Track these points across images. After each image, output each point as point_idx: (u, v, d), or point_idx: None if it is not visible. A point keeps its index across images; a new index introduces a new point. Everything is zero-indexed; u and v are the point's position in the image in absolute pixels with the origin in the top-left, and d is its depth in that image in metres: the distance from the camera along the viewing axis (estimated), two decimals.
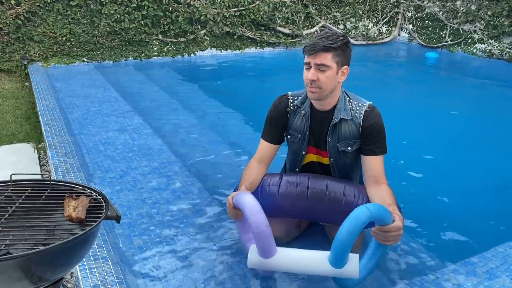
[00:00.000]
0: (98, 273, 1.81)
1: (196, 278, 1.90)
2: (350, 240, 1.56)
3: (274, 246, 1.69)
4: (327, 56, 1.82)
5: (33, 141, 3.69)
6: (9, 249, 1.20)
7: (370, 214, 1.56)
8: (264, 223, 1.64)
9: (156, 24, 6.72)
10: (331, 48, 1.82)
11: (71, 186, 1.50)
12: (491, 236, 2.41)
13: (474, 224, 2.54)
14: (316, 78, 1.84)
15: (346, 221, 1.57)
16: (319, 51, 1.82)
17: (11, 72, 5.95)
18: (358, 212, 1.57)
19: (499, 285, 1.78)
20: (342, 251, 1.59)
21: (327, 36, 1.84)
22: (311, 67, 1.85)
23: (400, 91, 5.63)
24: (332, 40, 1.82)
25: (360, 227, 1.56)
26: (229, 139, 3.58)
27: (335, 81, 1.89)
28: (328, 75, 1.85)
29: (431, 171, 3.21)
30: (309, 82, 1.87)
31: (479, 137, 3.95)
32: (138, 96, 4.78)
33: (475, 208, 2.73)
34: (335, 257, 1.62)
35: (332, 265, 1.65)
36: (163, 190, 2.64)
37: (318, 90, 1.87)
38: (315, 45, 1.82)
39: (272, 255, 1.69)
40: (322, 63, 1.83)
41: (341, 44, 1.84)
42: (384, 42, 8.71)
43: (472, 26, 7.70)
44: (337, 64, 1.86)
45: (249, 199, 1.70)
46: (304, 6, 7.97)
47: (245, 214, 1.68)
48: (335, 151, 2.01)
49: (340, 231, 1.57)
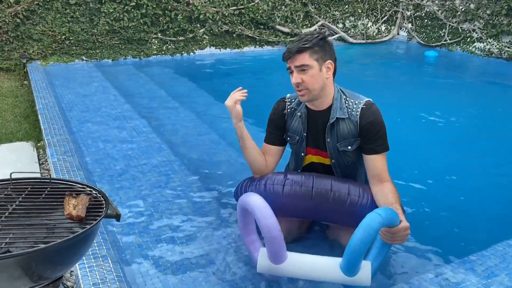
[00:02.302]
0: (98, 271, 1.81)
1: (195, 276, 1.90)
2: (363, 248, 1.54)
3: (285, 251, 1.66)
4: (304, 56, 1.85)
5: (32, 139, 3.68)
6: (9, 247, 1.20)
7: (383, 220, 1.54)
8: (277, 227, 1.60)
9: (155, 23, 6.71)
10: (304, 48, 1.84)
11: (71, 184, 1.51)
12: (489, 234, 2.41)
13: (472, 223, 2.54)
14: (301, 80, 1.86)
15: (359, 229, 1.54)
16: (295, 54, 1.85)
17: (10, 70, 5.94)
18: (370, 219, 1.54)
19: (498, 283, 1.79)
20: (355, 260, 1.57)
21: (301, 38, 1.88)
22: (293, 71, 1.89)
23: (399, 89, 5.63)
24: (306, 40, 1.85)
25: (374, 235, 1.54)
26: (228, 137, 3.58)
27: (321, 78, 1.89)
28: (311, 74, 1.86)
29: (429, 170, 3.22)
30: (295, 85, 1.89)
31: (478, 136, 3.96)
32: (137, 94, 4.78)
33: (474, 206, 2.74)
34: (348, 265, 1.59)
35: (344, 273, 1.62)
36: (162, 188, 2.64)
37: (306, 91, 1.89)
38: (290, 49, 1.87)
39: (283, 260, 1.66)
40: (301, 63, 1.85)
41: (316, 41, 1.86)
42: (383, 41, 8.72)
43: (471, 25, 7.71)
44: (317, 61, 1.86)
45: (260, 202, 1.65)
46: (303, 5, 7.97)
47: (256, 217, 1.63)
48: (335, 151, 2.00)
49: (353, 239, 1.54)
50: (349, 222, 1.95)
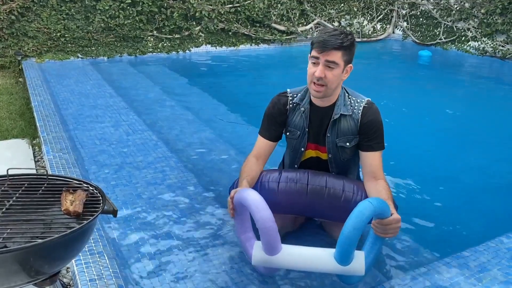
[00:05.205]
0: (94, 267, 1.82)
1: (191, 272, 1.91)
2: (356, 235, 1.55)
3: (279, 242, 1.68)
4: (338, 54, 1.82)
5: (27, 137, 3.68)
6: (6, 242, 1.21)
7: (374, 208, 1.56)
8: (271, 218, 1.62)
9: (151, 20, 6.71)
10: (342, 47, 1.81)
11: (68, 180, 1.51)
12: (482, 230, 2.44)
13: (466, 219, 2.57)
14: (324, 75, 1.84)
15: (351, 217, 1.56)
16: (332, 49, 1.80)
17: (4, 67, 5.92)
18: (362, 207, 1.57)
19: (491, 278, 1.81)
20: (348, 247, 1.58)
21: (338, 33, 1.83)
22: (319, 64, 1.84)
23: (393, 88, 5.66)
24: (343, 39, 1.82)
25: (365, 222, 1.55)
26: (224, 134, 3.59)
27: (340, 79, 1.90)
28: (335, 73, 1.85)
29: (424, 167, 3.25)
30: (315, 78, 1.85)
31: (471, 134, 3.99)
32: (133, 92, 4.78)
33: (467, 202, 2.77)
34: (342, 254, 1.61)
35: (338, 262, 1.63)
36: (158, 185, 2.65)
37: (323, 88, 1.86)
38: (327, 42, 1.80)
39: (278, 251, 1.68)
40: (333, 60, 1.82)
41: (350, 43, 1.84)
42: (378, 39, 8.74)
43: (466, 24, 7.75)
44: (345, 62, 1.86)
45: (254, 195, 1.68)
46: (299, 3, 7.98)
47: (251, 210, 1.65)
48: (333, 146, 2.02)
49: (345, 227, 1.56)
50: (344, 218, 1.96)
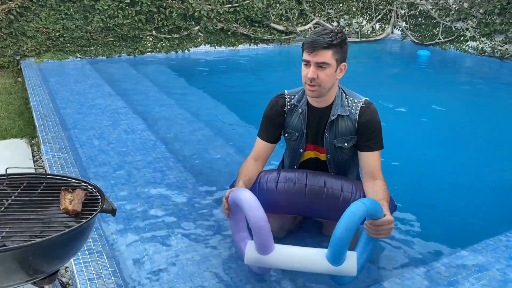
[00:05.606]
0: (93, 266, 1.82)
1: (190, 272, 1.91)
2: (348, 236, 1.55)
3: (272, 242, 1.68)
4: (327, 54, 1.81)
5: (26, 136, 3.67)
6: (5, 241, 1.21)
7: (366, 208, 1.56)
8: (263, 217, 1.63)
9: (150, 20, 6.70)
10: (331, 45, 1.80)
11: (67, 179, 1.51)
12: (481, 229, 2.45)
13: (464, 218, 2.58)
14: (316, 76, 1.84)
15: (343, 217, 1.56)
16: (320, 49, 1.80)
17: (3, 67, 5.91)
18: (354, 207, 1.57)
19: (489, 277, 1.82)
20: (340, 248, 1.58)
21: (326, 33, 1.82)
22: (310, 65, 1.84)
23: (392, 88, 5.66)
24: (332, 37, 1.80)
25: (357, 222, 1.55)
26: (223, 134, 3.59)
27: (334, 78, 1.89)
28: (327, 73, 1.84)
29: (422, 167, 3.25)
30: (308, 80, 1.85)
31: (470, 133, 4.00)
32: (132, 91, 4.78)
33: (465, 202, 2.77)
34: (334, 254, 1.61)
35: (330, 263, 1.63)
36: (157, 184, 2.65)
37: (317, 88, 1.87)
38: (315, 42, 1.80)
39: (270, 251, 1.68)
40: (323, 61, 1.81)
41: (340, 41, 1.83)
42: (377, 40, 8.75)
43: (465, 24, 7.76)
44: (337, 61, 1.85)
45: (247, 195, 1.68)
46: (298, 3, 7.98)
47: (244, 209, 1.66)
48: (332, 147, 2.02)
49: (338, 227, 1.56)
50: None
